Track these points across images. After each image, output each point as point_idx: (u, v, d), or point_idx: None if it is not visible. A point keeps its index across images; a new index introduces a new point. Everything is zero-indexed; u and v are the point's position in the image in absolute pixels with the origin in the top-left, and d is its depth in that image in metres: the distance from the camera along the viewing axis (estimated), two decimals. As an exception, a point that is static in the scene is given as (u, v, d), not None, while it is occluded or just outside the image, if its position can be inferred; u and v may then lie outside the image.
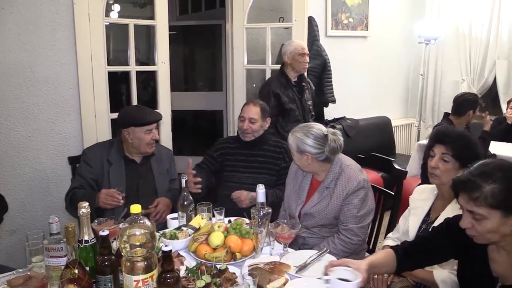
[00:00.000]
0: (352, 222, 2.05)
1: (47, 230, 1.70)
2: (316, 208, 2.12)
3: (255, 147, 2.62)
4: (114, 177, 2.34)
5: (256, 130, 2.61)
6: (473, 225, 1.31)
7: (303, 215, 2.16)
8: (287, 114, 3.29)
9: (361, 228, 2.08)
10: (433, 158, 1.86)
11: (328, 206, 2.09)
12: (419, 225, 1.92)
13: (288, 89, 3.31)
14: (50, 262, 1.55)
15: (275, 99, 3.25)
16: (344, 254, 2.03)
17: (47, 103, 2.83)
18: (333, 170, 2.11)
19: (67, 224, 1.40)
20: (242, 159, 2.63)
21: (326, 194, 2.11)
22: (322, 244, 2.06)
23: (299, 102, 3.35)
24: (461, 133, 1.90)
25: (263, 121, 2.64)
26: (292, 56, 3.31)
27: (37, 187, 2.88)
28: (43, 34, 2.76)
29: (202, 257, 1.75)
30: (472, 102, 3.47)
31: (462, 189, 1.32)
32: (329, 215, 2.09)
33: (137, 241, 1.34)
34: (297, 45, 3.34)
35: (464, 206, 1.32)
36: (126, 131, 2.35)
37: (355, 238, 2.05)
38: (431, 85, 5.19)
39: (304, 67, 3.35)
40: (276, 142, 2.68)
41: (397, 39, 5.19)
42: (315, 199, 2.13)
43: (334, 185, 2.09)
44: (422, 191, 2.04)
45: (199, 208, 2.12)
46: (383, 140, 4.82)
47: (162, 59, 3.27)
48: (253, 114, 2.60)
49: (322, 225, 2.13)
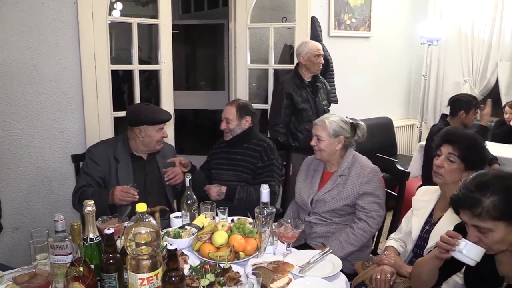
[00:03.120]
0: (371, 208, 2.17)
1: (50, 227, 1.72)
2: (329, 194, 2.24)
3: (236, 145, 2.72)
4: (122, 174, 2.36)
5: (232, 129, 2.70)
6: (480, 238, 1.31)
7: (315, 201, 2.28)
8: (300, 114, 3.34)
9: (379, 215, 2.19)
10: (439, 158, 1.87)
11: (342, 191, 2.21)
12: (421, 225, 1.93)
13: (302, 89, 3.36)
14: (55, 260, 1.56)
15: (287, 99, 3.31)
16: (359, 244, 2.15)
17: (50, 101, 2.84)
18: (346, 160, 2.28)
19: (73, 222, 1.41)
20: (225, 157, 2.75)
21: (340, 182, 2.25)
22: (327, 243, 2.11)
23: (312, 102, 3.39)
24: (469, 134, 1.90)
25: (240, 120, 2.70)
26: (308, 57, 3.34)
27: (40, 185, 2.88)
28: (46, 32, 2.77)
29: (206, 256, 1.76)
30: (464, 103, 3.39)
31: (462, 206, 1.32)
32: (342, 200, 2.20)
33: (143, 240, 1.35)
34: (313, 46, 3.38)
35: (468, 222, 1.32)
36: (138, 129, 2.36)
37: (375, 226, 2.18)
38: (433, 86, 5.19)
39: (319, 68, 3.40)
40: (259, 141, 2.72)
41: (400, 39, 5.20)
42: (328, 186, 2.26)
43: (348, 173, 2.24)
44: (425, 192, 2.05)
45: (203, 207, 2.12)
46: (384, 141, 4.82)
47: (165, 58, 3.27)
48: (228, 114, 2.70)
49: (333, 209, 2.22)
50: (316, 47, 3.36)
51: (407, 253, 1.95)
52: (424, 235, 1.90)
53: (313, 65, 3.35)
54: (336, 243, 2.13)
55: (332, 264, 1.75)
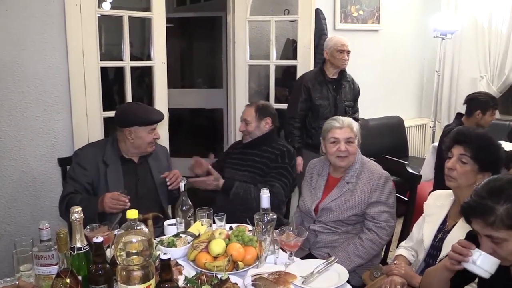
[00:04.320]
0: (381, 218, 2.16)
1: (35, 236, 1.72)
2: (336, 202, 2.23)
3: (254, 147, 2.76)
4: (111, 179, 2.36)
5: (250, 131, 2.76)
6: (494, 249, 1.30)
7: (321, 210, 2.27)
8: (316, 110, 3.40)
9: (390, 226, 2.19)
10: (451, 160, 1.87)
11: (350, 200, 2.20)
12: (434, 233, 1.93)
13: (323, 85, 3.43)
14: (40, 271, 1.56)
15: (305, 94, 3.39)
16: (368, 256, 2.14)
17: (35, 100, 2.85)
18: (354, 165, 2.27)
19: (59, 230, 1.41)
20: (240, 157, 2.80)
21: (347, 189, 2.24)
22: (332, 252, 2.11)
23: (332, 99, 3.44)
24: (481, 134, 1.90)
25: (259, 122, 2.76)
26: (331, 52, 3.42)
27: (24, 191, 2.89)
28: (31, 27, 2.77)
29: (202, 266, 1.76)
30: (481, 103, 3.40)
31: (473, 215, 1.31)
32: (349, 209, 2.20)
33: (134, 249, 1.35)
34: (337, 41, 3.45)
35: (481, 232, 1.31)
36: (128, 130, 2.37)
37: (385, 237, 2.18)
38: (447, 83, 5.19)
39: (342, 64, 3.45)
40: (279, 145, 2.76)
41: (411, 33, 5.20)
42: (335, 194, 2.25)
43: (356, 179, 2.24)
44: (438, 197, 2.04)
45: (199, 214, 2.13)
46: (395, 142, 4.83)
47: (159, 53, 3.28)
48: (247, 115, 2.78)
49: (340, 220, 2.22)
50: (340, 42, 3.43)
51: (419, 262, 1.95)
52: (437, 243, 1.90)
53: (336, 61, 3.42)
54: (343, 254, 2.13)
55: (337, 275, 1.76)
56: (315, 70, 3.55)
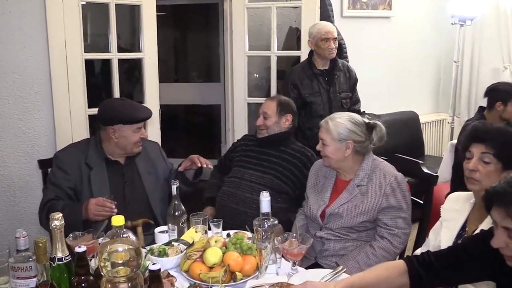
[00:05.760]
0: (395, 224, 2.15)
1: (11, 246, 1.71)
2: (345, 207, 2.20)
3: (271, 147, 2.75)
4: (96, 183, 2.35)
5: (269, 126, 2.73)
6: (508, 244, 1.30)
7: (328, 215, 2.24)
8: (309, 108, 3.37)
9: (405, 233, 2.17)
10: (471, 160, 1.85)
11: (361, 205, 2.18)
12: (453, 240, 1.91)
13: (313, 80, 3.38)
14: (17, 284, 1.56)
15: (293, 92, 3.34)
16: None
17: (13, 96, 2.85)
18: (365, 166, 2.24)
19: (37, 239, 1.41)
20: (254, 155, 2.78)
21: (358, 193, 2.21)
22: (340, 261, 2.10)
23: (325, 94, 3.39)
24: (502, 128, 1.89)
25: (279, 118, 2.73)
26: (315, 42, 3.36)
27: (2, 196, 2.89)
28: (8, 16, 2.77)
29: (196, 278, 1.76)
30: (502, 93, 3.36)
31: (497, 202, 1.31)
32: (360, 215, 2.18)
33: (120, 259, 1.34)
34: (321, 28, 3.39)
35: (499, 222, 1.31)
36: (111, 129, 2.36)
37: (399, 245, 2.15)
38: (467, 74, 5.17)
39: (329, 53, 3.37)
40: (300, 148, 2.75)
41: (426, 19, 5.18)
42: (344, 198, 2.22)
43: (368, 182, 2.21)
44: (456, 200, 2.03)
45: (193, 220, 2.12)
46: (409, 139, 4.80)
47: (149, 45, 3.28)
48: (267, 109, 2.74)
49: (349, 227, 2.20)
50: (324, 29, 3.36)
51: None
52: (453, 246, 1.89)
53: (321, 51, 3.35)
54: (353, 264, 2.12)
55: (346, 286, 1.74)
56: (303, 63, 3.48)
